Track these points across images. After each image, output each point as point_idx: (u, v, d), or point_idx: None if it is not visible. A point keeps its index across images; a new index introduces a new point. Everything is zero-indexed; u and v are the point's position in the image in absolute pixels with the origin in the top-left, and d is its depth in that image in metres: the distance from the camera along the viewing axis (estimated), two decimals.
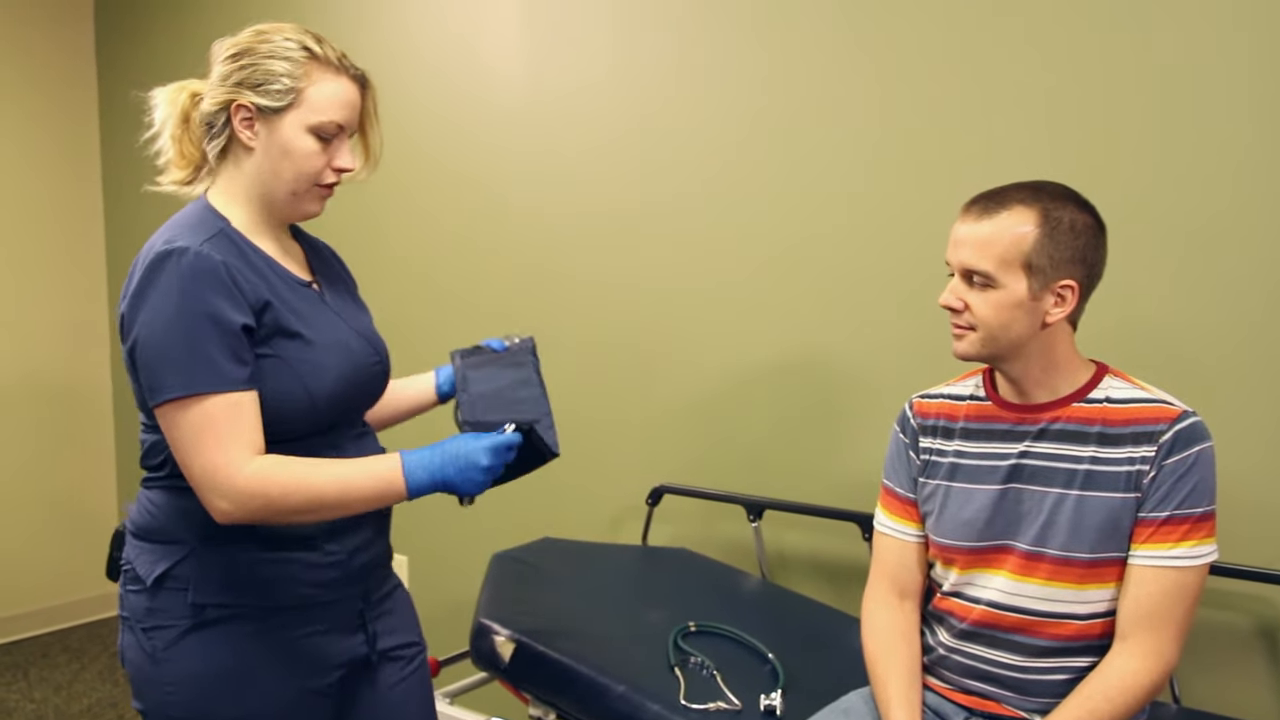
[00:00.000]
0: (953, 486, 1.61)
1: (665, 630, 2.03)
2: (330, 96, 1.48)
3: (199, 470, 1.38)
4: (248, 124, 1.48)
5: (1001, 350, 1.52)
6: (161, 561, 1.47)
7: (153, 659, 1.47)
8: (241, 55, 1.48)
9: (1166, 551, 1.45)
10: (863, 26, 2.23)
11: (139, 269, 1.40)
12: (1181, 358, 1.89)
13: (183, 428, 1.38)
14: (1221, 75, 1.83)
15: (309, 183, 1.50)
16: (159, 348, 1.37)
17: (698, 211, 2.54)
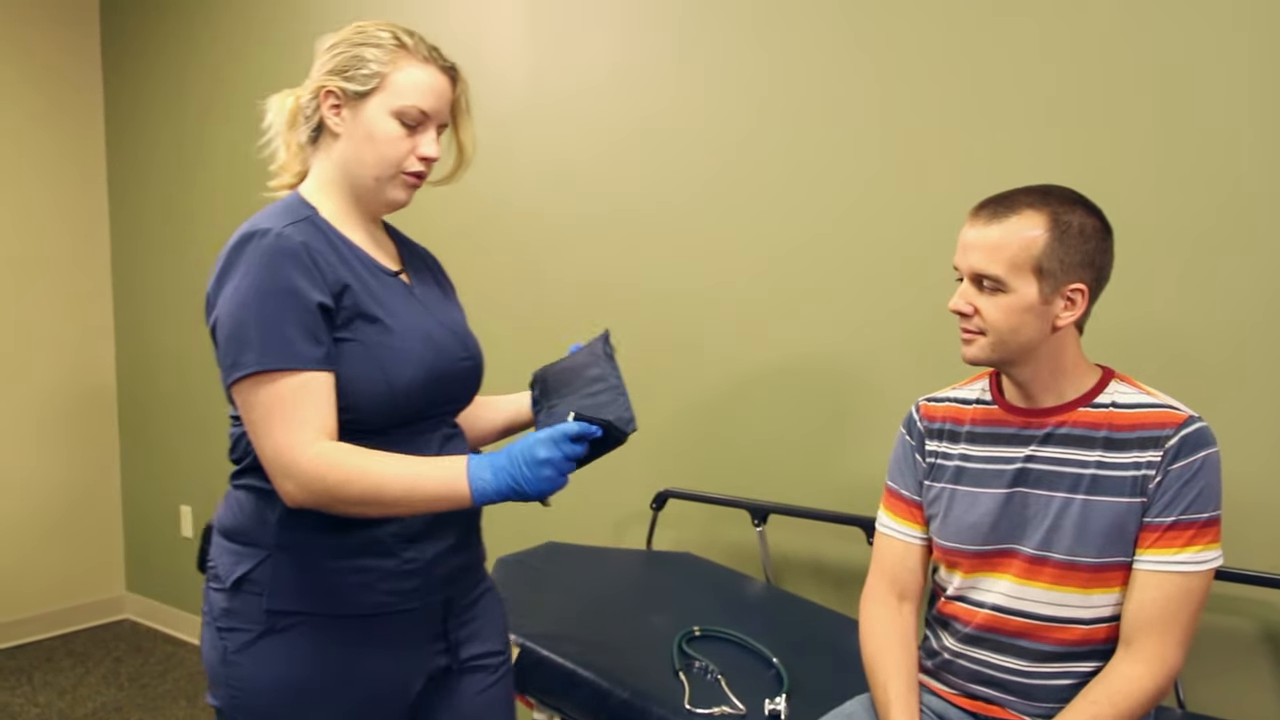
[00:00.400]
0: (958, 490, 1.61)
1: (670, 635, 2.03)
2: (415, 82, 1.48)
3: (269, 450, 1.36)
4: (335, 110, 1.49)
5: (1011, 354, 1.52)
6: (241, 564, 1.46)
7: (224, 659, 1.46)
8: (336, 45, 1.51)
9: (1172, 556, 1.45)
10: (865, 27, 2.24)
11: (224, 252, 1.41)
12: (1186, 361, 1.89)
13: (255, 407, 1.37)
14: (1226, 76, 1.83)
15: (392, 168, 1.50)
16: (235, 325, 1.37)
17: (701, 213, 2.54)
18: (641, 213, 2.65)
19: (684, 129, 2.55)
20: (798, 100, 2.35)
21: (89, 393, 4.26)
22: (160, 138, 4.00)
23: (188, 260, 3.94)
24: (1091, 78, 1.96)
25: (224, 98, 3.73)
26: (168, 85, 3.95)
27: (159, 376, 4.13)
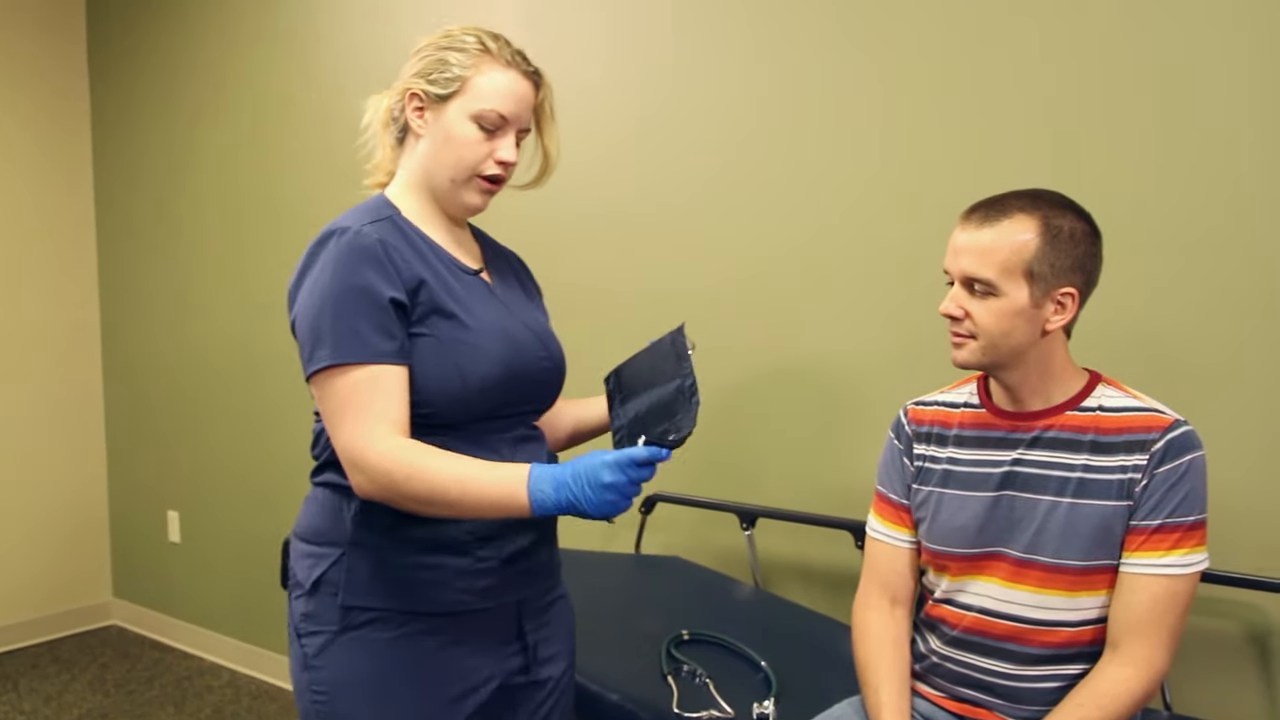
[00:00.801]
0: (946, 493, 1.61)
1: (658, 638, 2.03)
2: (495, 86, 1.49)
3: (342, 442, 1.38)
4: (418, 111, 1.51)
5: (1002, 358, 1.52)
6: (318, 565, 1.48)
7: (305, 665, 1.48)
8: (423, 49, 1.53)
9: (1158, 559, 1.45)
10: (864, 29, 2.24)
11: (306, 250, 1.45)
12: (1170, 364, 1.90)
13: (328, 399, 1.39)
14: (1221, 81, 1.84)
15: (469, 171, 1.51)
16: (312, 320, 1.40)
17: (693, 216, 2.54)
18: (635, 215, 2.65)
19: (679, 131, 2.55)
20: (793, 106, 2.35)
21: (76, 397, 4.24)
22: (148, 142, 3.99)
23: (175, 263, 3.93)
24: (1088, 81, 1.97)
25: (212, 102, 3.72)
26: (155, 90, 3.94)
27: (146, 380, 4.11)
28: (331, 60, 3.32)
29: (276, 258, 3.55)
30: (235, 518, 3.81)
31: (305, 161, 3.43)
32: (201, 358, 3.86)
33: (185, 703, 3.53)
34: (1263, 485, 1.82)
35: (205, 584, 3.96)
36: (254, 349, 3.67)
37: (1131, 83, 1.92)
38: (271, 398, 3.62)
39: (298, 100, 3.44)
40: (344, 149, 3.27)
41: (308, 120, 3.41)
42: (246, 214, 3.65)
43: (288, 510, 3.60)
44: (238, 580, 3.83)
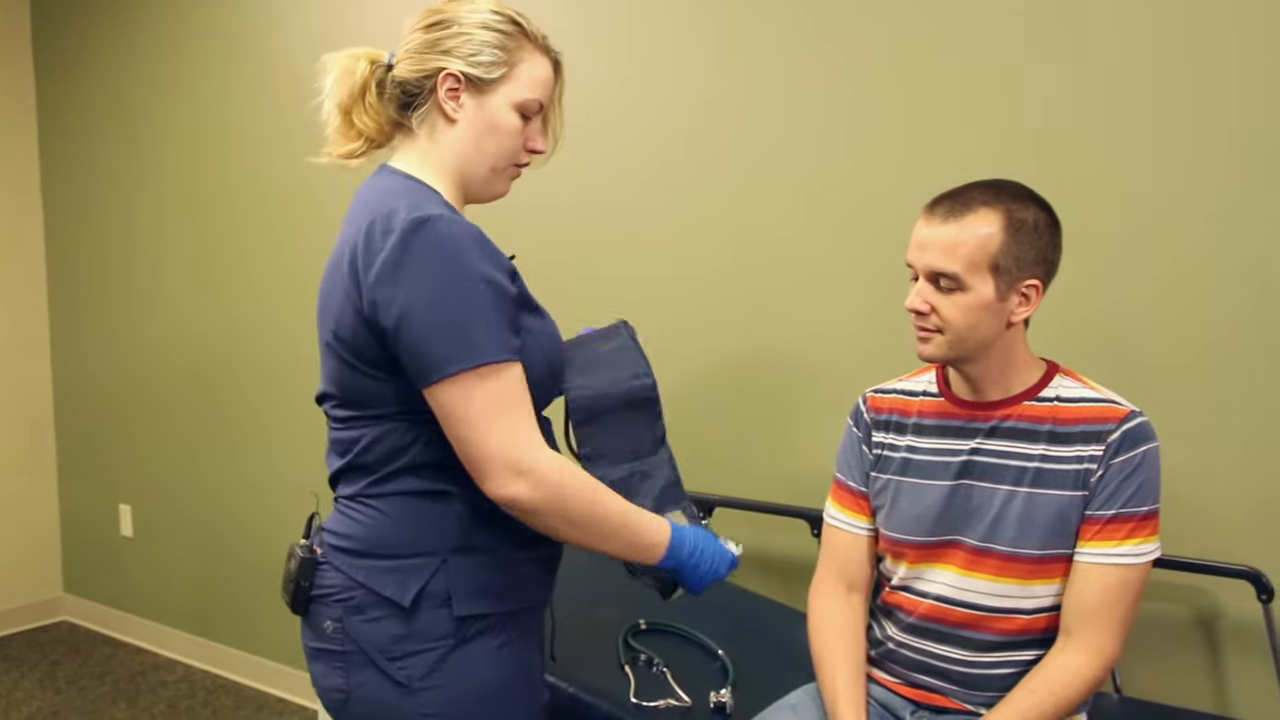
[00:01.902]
0: (904, 481, 1.63)
1: (615, 628, 2.03)
2: (536, 74, 1.43)
3: (496, 445, 1.26)
4: (453, 94, 1.41)
5: (968, 352, 1.52)
6: (413, 579, 1.34)
7: (407, 690, 1.34)
8: (447, 24, 1.42)
9: (1112, 549, 1.47)
10: (827, 23, 2.24)
11: (384, 240, 1.28)
12: (1124, 355, 1.93)
13: (472, 402, 1.26)
14: (1187, 72, 1.86)
15: (508, 161, 1.45)
16: (441, 318, 1.26)
17: (651, 210, 2.54)
18: (593, 208, 2.65)
19: (639, 123, 2.55)
20: (753, 98, 2.36)
21: (24, 388, 4.17)
22: (98, 138, 3.92)
23: (127, 257, 3.87)
24: (1057, 77, 1.98)
25: (165, 97, 3.65)
26: (105, 85, 3.86)
27: (97, 372, 4.05)
28: (287, 51, 3.28)
29: (232, 250, 3.51)
30: (190, 511, 3.76)
31: (262, 156, 3.39)
32: (154, 350, 3.81)
33: (138, 699, 3.49)
34: (1208, 471, 1.85)
35: (159, 578, 3.92)
36: (208, 342, 3.62)
37: (1099, 77, 1.94)
38: (226, 390, 3.58)
39: (254, 93, 3.39)
40: (303, 142, 3.24)
41: (264, 113, 3.36)
42: (200, 206, 3.60)
43: (243, 503, 3.58)
44: (193, 574, 3.79)
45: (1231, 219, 1.82)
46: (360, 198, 1.40)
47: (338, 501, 1.43)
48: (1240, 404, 1.83)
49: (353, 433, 1.38)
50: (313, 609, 1.40)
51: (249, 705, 3.44)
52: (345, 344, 1.33)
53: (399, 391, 1.33)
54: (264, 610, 3.56)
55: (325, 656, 1.38)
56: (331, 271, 1.37)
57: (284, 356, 3.40)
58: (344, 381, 1.36)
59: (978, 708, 1.56)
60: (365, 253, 1.29)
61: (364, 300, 1.29)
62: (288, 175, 3.31)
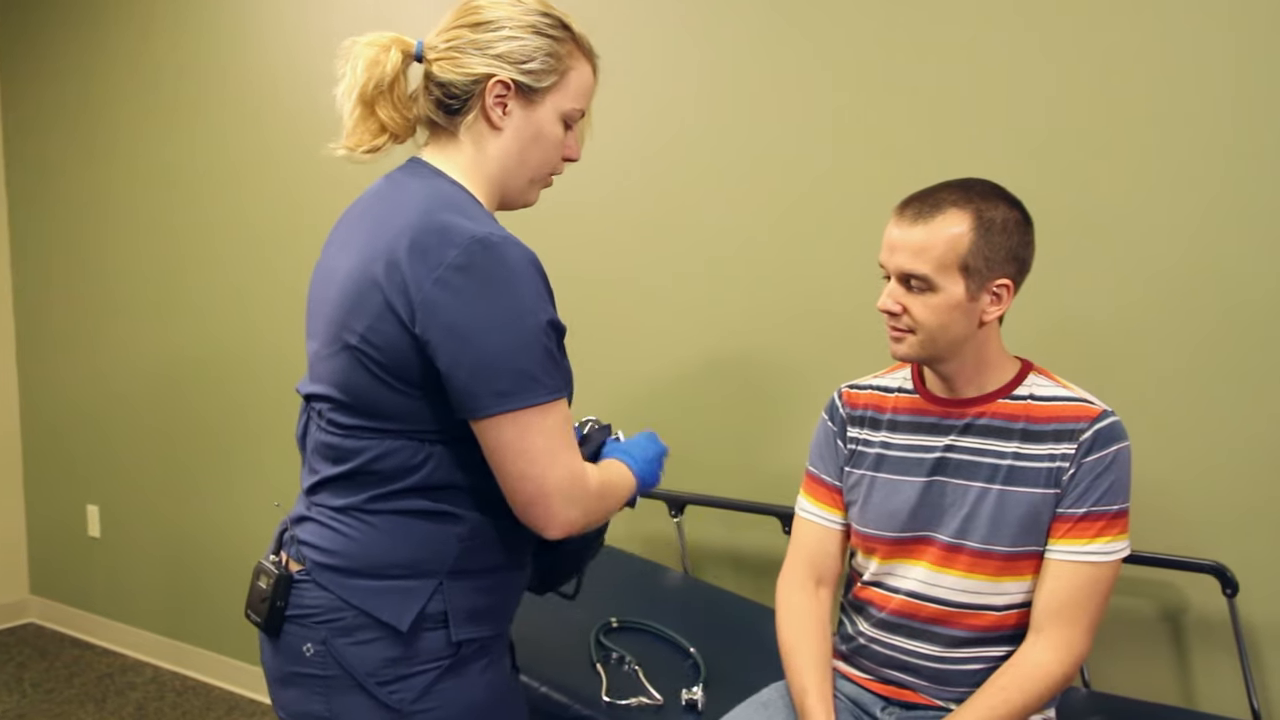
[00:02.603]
0: (878, 477, 1.63)
1: (587, 627, 2.03)
2: (584, 83, 1.38)
3: (556, 480, 1.25)
4: (500, 102, 1.33)
5: (941, 351, 1.53)
6: (411, 601, 1.29)
7: (398, 715, 1.28)
8: (497, 25, 1.33)
9: (1082, 547, 1.48)
10: (804, 21, 2.24)
11: (442, 254, 1.22)
12: (1091, 349, 1.94)
13: (538, 435, 1.24)
14: (1156, 70, 1.88)
15: (548, 171, 1.41)
16: (510, 349, 1.22)
17: (623, 210, 2.53)
18: (566, 211, 2.63)
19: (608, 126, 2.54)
20: (728, 100, 2.35)
21: None
22: (64, 141, 3.86)
23: (92, 256, 3.83)
24: (1030, 76, 1.99)
25: (134, 101, 3.61)
26: (71, 87, 3.81)
27: (64, 371, 4.01)
28: (261, 51, 3.25)
29: (202, 251, 3.47)
30: (159, 511, 3.73)
31: (237, 158, 3.36)
32: (122, 349, 3.77)
33: (106, 700, 3.46)
34: (1173, 467, 1.87)
35: (127, 579, 3.88)
36: (176, 342, 3.59)
37: (1072, 77, 1.95)
38: (195, 389, 3.55)
39: (225, 98, 3.36)
40: (279, 142, 3.21)
41: (236, 117, 3.33)
42: (168, 208, 3.56)
43: (213, 502, 3.55)
44: (162, 574, 3.76)
45: (1210, 226, 1.84)
46: (397, 194, 1.33)
47: (320, 510, 1.34)
48: (1207, 402, 1.85)
49: (355, 442, 1.30)
50: (288, 630, 1.32)
51: (219, 706, 3.42)
52: (379, 351, 1.25)
53: (425, 410, 1.28)
54: (234, 611, 3.53)
55: (303, 681, 1.31)
56: (364, 275, 1.27)
57: (254, 357, 3.37)
58: (361, 390, 1.28)
59: (948, 703, 1.56)
60: (418, 264, 1.22)
61: (414, 315, 1.22)
62: (261, 176, 3.29)
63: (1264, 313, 1.80)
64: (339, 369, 1.30)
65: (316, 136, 3.08)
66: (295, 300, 3.23)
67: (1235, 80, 1.79)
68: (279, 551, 1.37)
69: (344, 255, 1.33)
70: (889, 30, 2.13)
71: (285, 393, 3.29)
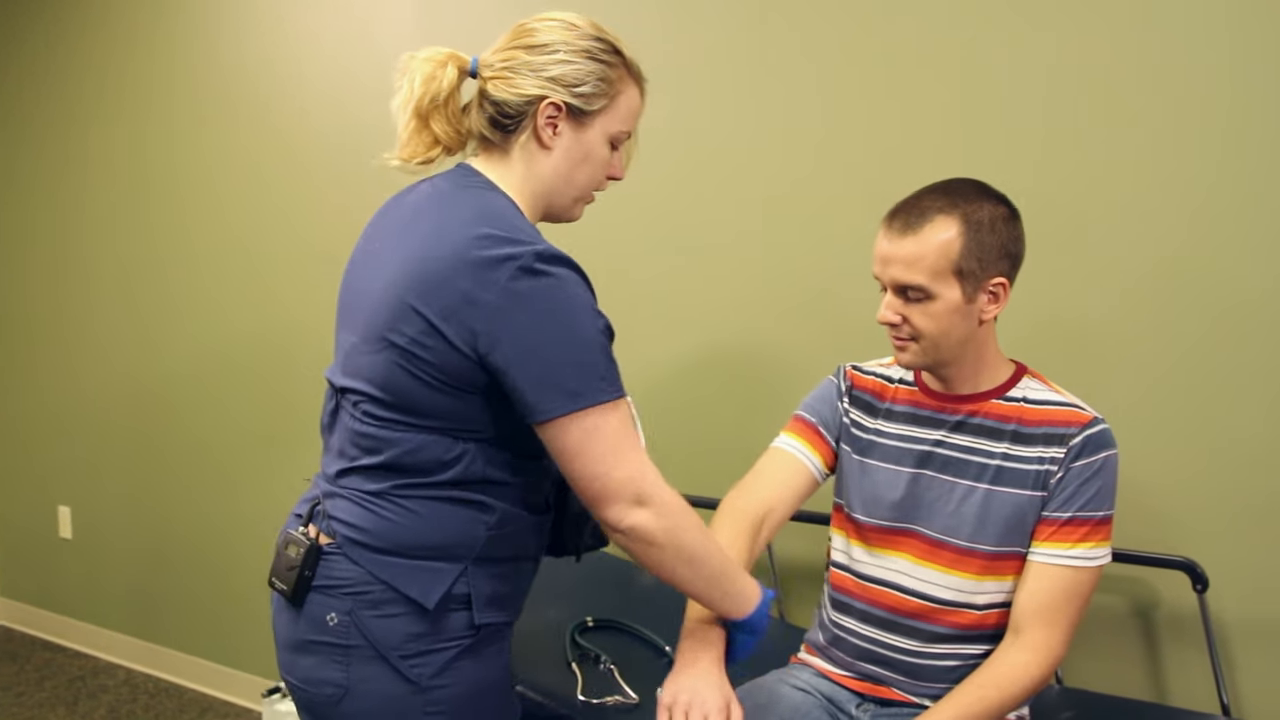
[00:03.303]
0: (867, 463, 1.65)
1: (562, 626, 2.02)
2: (632, 107, 1.43)
3: (622, 477, 1.29)
4: (552, 123, 1.38)
5: (944, 355, 1.54)
6: (439, 581, 1.35)
7: (417, 687, 1.35)
8: (553, 48, 1.37)
9: (1066, 551, 1.49)
10: (790, 21, 2.24)
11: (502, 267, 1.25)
12: (1064, 347, 1.96)
13: (605, 435, 1.28)
14: (1133, 70, 1.89)
15: (592, 190, 1.45)
16: (574, 353, 1.27)
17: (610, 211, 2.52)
18: None
19: None
20: (716, 96, 2.35)
21: None
22: (38, 145, 3.82)
23: (59, 255, 3.79)
24: (1012, 77, 1.99)
25: (107, 100, 3.59)
26: (43, 89, 3.77)
27: (34, 370, 3.97)
28: (235, 47, 3.23)
29: (176, 252, 3.45)
30: (131, 512, 3.70)
31: (211, 159, 3.33)
32: (92, 348, 3.74)
33: (78, 703, 3.42)
34: (1146, 464, 1.88)
35: (99, 580, 3.85)
36: (148, 342, 3.56)
37: (1062, 77, 1.95)
38: (166, 390, 3.53)
39: (204, 94, 3.33)
40: (254, 144, 3.19)
41: (216, 115, 3.31)
42: (135, 208, 3.53)
43: (185, 503, 3.52)
44: (134, 576, 3.72)
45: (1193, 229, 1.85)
46: (449, 205, 1.36)
47: (351, 492, 1.38)
48: (1179, 402, 1.87)
49: (390, 433, 1.34)
50: (312, 599, 1.37)
51: (193, 708, 3.39)
52: (426, 358, 1.29)
53: (466, 410, 1.32)
54: (207, 611, 3.51)
55: (321, 649, 1.36)
56: (412, 277, 1.30)
57: (227, 357, 3.35)
58: (402, 388, 1.32)
59: (923, 699, 1.57)
60: (479, 277, 1.25)
61: (474, 327, 1.26)
62: (236, 176, 3.26)
63: (1240, 314, 1.81)
64: (379, 365, 1.33)
65: (295, 136, 3.08)
66: (270, 299, 3.21)
67: (1226, 80, 1.81)
68: (308, 524, 1.41)
69: (393, 254, 1.36)
70: (879, 25, 2.13)
71: (259, 392, 3.27)
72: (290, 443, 3.20)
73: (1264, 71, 1.77)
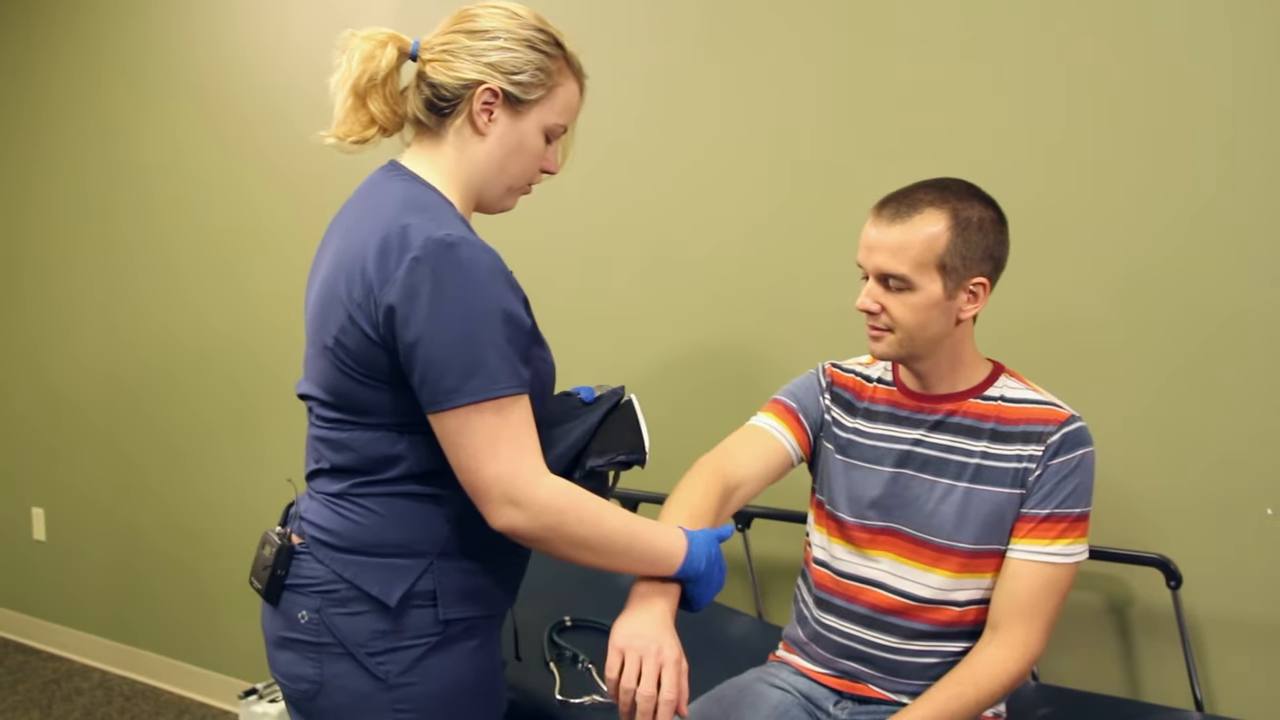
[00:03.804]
0: (846, 461, 1.65)
1: (540, 625, 2.02)
2: (569, 99, 1.43)
3: (491, 477, 1.27)
4: (487, 109, 1.38)
5: (919, 349, 1.55)
6: (401, 578, 1.35)
7: (384, 684, 1.35)
8: (493, 34, 1.37)
9: (1044, 548, 1.50)
10: (789, 14, 2.24)
11: (402, 256, 1.26)
12: (1041, 346, 1.97)
13: (478, 432, 1.27)
14: (1118, 70, 1.90)
15: (525, 181, 1.44)
16: (456, 348, 1.25)
17: (600, 209, 2.53)
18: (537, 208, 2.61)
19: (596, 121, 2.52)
20: (713, 92, 2.34)
21: None
22: (6, 145, 3.79)
23: (31, 257, 3.76)
24: (1001, 76, 2.00)
25: (77, 100, 3.57)
26: (11, 87, 3.74)
27: (5, 370, 3.93)
28: (212, 44, 3.21)
29: (151, 250, 3.42)
30: (106, 514, 3.67)
31: (184, 157, 3.31)
32: (67, 349, 3.71)
33: (52, 707, 3.40)
34: (1120, 461, 1.89)
35: (74, 582, 3.82)
36: (120, 341, 3.54)
37: (1044, 76, 1.96)
38: (139, 389, 3.50)
39: (178, 93, 3.31)
40: (228, 142, 3.17)
41: (189, 113, 3.28)
42: (106, 204, 3.51)
43: (160, 504, 3.50)
44: (109, 577, 3.70)
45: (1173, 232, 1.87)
46: (371, 197, 1.38)
47: (318, 494, 1.41)
48: (1152, 400, 1.88)
49: (341, 434, 1.37)
50: (286, 597, 1.39)
51: (169, 711, 3.37)
52: (349, 352, 1.32)
53: (398, 403, 1.33)
54: (183, 613, 3.49)
55: (296, 646, 1.38)
56: (337, 276, 1.33)
57: (202, 357, 3.33)
58: (340, 388, 1.35)
59: (900, 696, 1.58)
60: (379, 268, 1.27)
61: (378, 315, 1.27)
62: (210, 175, 3.24)
63: (1216, 318, 1.83)
64: (323, 369, 1.36)
65: (269, 134, 3.06)
66: (245, 299, 3.19)
67: (1215, 86, 1.81)
68: (285, 525, 1.44)
69: (324, 259, 1.40)
70: (868, 29, 2.14)
71: (234, 392, 3.25)
72: (265, 444, 3.18)
73: (1255, 77, 1.78)
